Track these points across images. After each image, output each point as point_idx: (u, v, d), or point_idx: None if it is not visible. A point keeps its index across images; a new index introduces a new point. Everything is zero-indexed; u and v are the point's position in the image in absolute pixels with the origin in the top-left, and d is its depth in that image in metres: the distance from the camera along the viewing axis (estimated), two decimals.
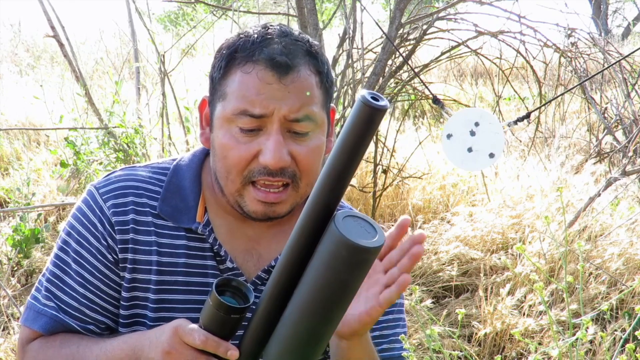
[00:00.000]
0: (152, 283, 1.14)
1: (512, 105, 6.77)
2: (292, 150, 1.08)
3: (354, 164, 0.79)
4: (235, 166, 1.09)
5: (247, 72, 1.07)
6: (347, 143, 0.78)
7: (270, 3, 6.73)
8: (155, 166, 1.22)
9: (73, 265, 1.15)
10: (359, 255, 0.80)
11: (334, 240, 0.81)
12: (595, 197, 3.34)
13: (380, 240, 0.81)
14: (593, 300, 3.01)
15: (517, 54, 3.90)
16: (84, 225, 1.16)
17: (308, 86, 1.08)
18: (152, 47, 3.65)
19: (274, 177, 1.07)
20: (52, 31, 3.63)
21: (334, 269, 0.82)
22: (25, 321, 1.17)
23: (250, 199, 1.10)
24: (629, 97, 4.12)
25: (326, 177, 0.81)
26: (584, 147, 5.19)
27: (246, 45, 1.08)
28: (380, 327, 1.22)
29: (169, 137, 3.84)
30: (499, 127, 1.88)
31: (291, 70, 1.06)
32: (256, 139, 1.08)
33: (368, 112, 0.75)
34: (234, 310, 0.93)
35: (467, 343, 2.88)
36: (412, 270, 1.31)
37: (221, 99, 1.10)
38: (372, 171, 4.01)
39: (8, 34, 8.66)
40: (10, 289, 3.16)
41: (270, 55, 1.06)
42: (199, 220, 1.15)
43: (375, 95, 0.76)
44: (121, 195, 1.16)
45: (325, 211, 0.83)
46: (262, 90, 1.06)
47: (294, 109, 1.06)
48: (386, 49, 3.49)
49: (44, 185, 4.28)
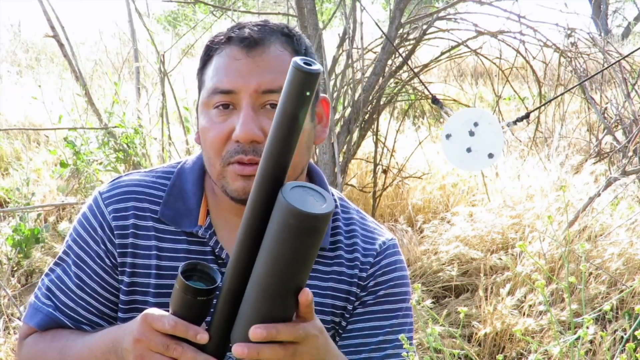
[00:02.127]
0: (151, 287, 1.15)
1: (512, 105, 6.77)
2: (266, 127, 1.07)
3: (295, 132, 0.81)
4: (213, 147, 1.09)
5: (219, 54, 1.09)
6: (286, 110, 0.79)
7: (270, 3, 6.74)
8: (159, 170, 1.23)
9: (73, 267, 1.18)
10: (307, 222, 0.81)
11: (282, 210, 0.81)
12: (595, 197, 3.34)
13: (328, 207, 0.82)
14: (593, 300, 3.01)
15: (517, 54, 3.90)
16: (86, 229, 1.18)
17: (281, 62, 1.08)
18: (152, 47, 3.65)
19: (247, 155, 1.07)
20: (52, 31, 3.63)
21: (284, 239, 0.82)
22: (25, 318, 1.21)
23: (231, 176, 1.09)
24: (628, 97, 4.12)
25: (270, 148, 0.82)
26: (584, 147, 5.19)
27: (221, 34, 1.11)
28: (384, 333, 1.19)
29: (169, 137, 3.84)
30: (498, 127, 1.88)
31: (258, 44, 1.07)
32: (230, 118, 1.08)
33: (302, 76, 0.77)
34: (200, 292, 0.93)
35: (467, 343, 2.88)
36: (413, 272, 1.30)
37: (202, 87, 1.13)
38: (372, 171, 4.01)
39: (7, 34, 8.66)
40: (10, 289, 3.16)
41: (240, 34, 1.08)
42: (200, 224, 1.16)
43: (308, 61, 0.78)
44: (123, 201, 1.17)
45: (273, 182, 0.84)
46: (231, 66, 1.07)
47: (265, 81, 1.06)
48: (386, 49, 3.49)
49: (43, 185, 4.28)
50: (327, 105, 1.20)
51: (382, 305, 1.21)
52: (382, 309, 1.21)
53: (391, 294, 1.22)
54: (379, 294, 1.21)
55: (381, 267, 1.21)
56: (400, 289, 1.23)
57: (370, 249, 1.22)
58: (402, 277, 1.24)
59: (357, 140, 3.79)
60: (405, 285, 1.24)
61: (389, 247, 1.24)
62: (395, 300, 1.22)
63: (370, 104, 3.68)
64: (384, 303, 1.21)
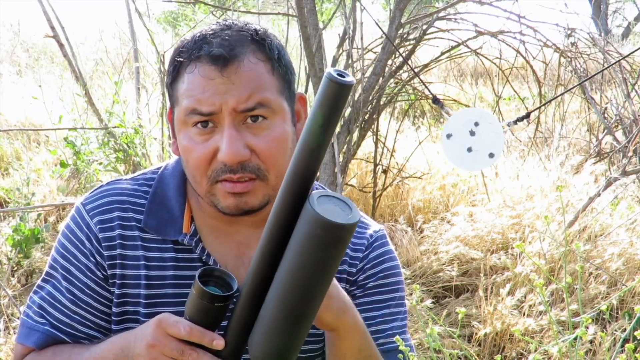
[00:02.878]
0: (141, 297, 1.14)
1: (512, 105, 6.77)
2: (251, 143, 1.05)
3: (325, 143, 0.80)
4: (197, 168, 1.07)
5: (190, 72, 1.06)
6: (317, 121, 0.79)
7: (270, 3, 6.73)
8: (140, 177, 1.21)
9: (63, 282, 1.15)
10: (334, 233, 0.80)
11: (309, 220, 0.81)
12: (595, 197, 3.34)
13: (354, 218, 0.82)
14: (593, 300, 3.01)
15: (517, 54, 3.90)
16: (73, 242, 1.16)
17: (255, 75, 1.05)
18: (152, 47, 3.65)
19: (235, 174, 1.05)
20: (52, 31, 3.63)
21: (310, 248, 0.82)
22: (18, 338, 1.18)
23: (221, 194, 1.08)
24: (628, 97, 4.11)
25: (299, 157, 0.81)
26: (584, 147, 5.19)
27: (188, 46, 1.07)
28: (376, 323, 1.20)
29: (169, 137, 3.84)
30: (498, 127, 1.88)
31: (231, 61, 1.04)
32: (212, 137, 1.06)
33: (336, 88, 0.77)
34: (217, 298, 0.93)
35: (467, 343, 2.88)
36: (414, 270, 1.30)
37: (176, 104, 1.10)
38: (372, 171, 4.01)
39: (7, 34, 8.66)
40: (10, 289, 3.16)
41: (209, 51, 1.05)
42: (185, 231, 1.14)
43: (341, 72, 0.77)
44: (107, 211, 1.15)
45: (300, 191, 0.83)
46: (206, 86, 1.04)
47: (242, 98, 1.04)
48: (386, 49, 3.49)
49: (43, 185, 4.28)
50: (304, 103, 1.18)
51: (372, 297, 1.21)
52: (372, 300, 1.21)
53: (381, 284, 1.22)
54: (368, 286, 1.21)
55: (370, 260, 1.22)
56: (391, 279, 1.23)
57: (358, 243, 1.22)
58: (392, 268, 1.24)
59: (357, 140, 3.79)
60: (396, 275, 1.24)
61: (377, 238, 1.24)
62: (386, 290, 1.22)
63: (370, 104, 3.69)
64: (373, 294, 1.21)
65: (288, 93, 1.11)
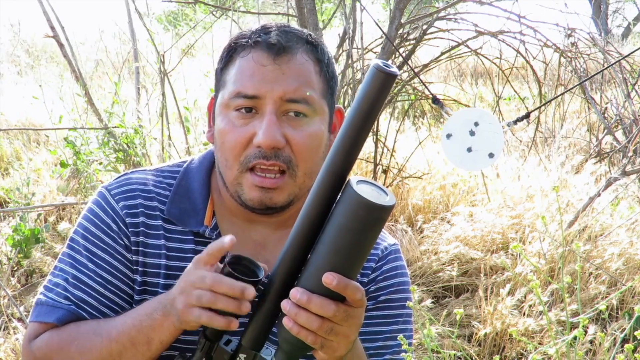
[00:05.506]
0: (160, 287, 1.14)
1: (512, 105, 6.76)
2: (288, 134, 1.08)
3: (366, 129, 0.83)
4: (232, 150, 1.09)
5: (244, 56, 1.09)
6: (362, 108, 0.82)
7: (270, 3, 6.73)
8: (165, 169, 1.22)
9: (90, 265, 1.14)
10: (376, 213, 0.84)
11: (351, 202, 0.84)
12: (595, 197, 3.34)
13: (391, 200, 0.86)
14: (593, 301, 3.01)
15: (517, 54, 3.90)
16: (98, 226, 1.15)
17: (305, 70, 1.09)
18: (152, 47, 3.65)
19: (268, 160, 1.07)
20: (52, 31, 3.63)
21: (351, 229, 0.85)
22: (37, 317, 1.14)
23: (247, 185, 1.09)
24: (629, 97, 4.11)
25: (341, 142, 0.85)
26: (584, 147, 5.19)
27: (246, 35, 1.11)
28: (383, 338, 1.19)
29: (169, 137, 3.84)
30: (498, 127, 1.88)
31: (285, 51, 1.08)
32: (252, 122, 1.08)
33: (382, 77, 0.81)
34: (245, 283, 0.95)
35: (467, 343, 2.87)
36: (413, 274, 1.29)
37: (222, 87, 1.13)
38: (372, 171, 4.01)
39: (7, 34, 8.66)
40: (10, 289, 3.16)
41: (266, 39, 1.08)
42: (206, 224, 1.15)
43: (387, 64, 0.81)
44: (131, 198, 1.16)
45: (339, 177, 0.86)
46: (257, 71, 1.07)
47: (290, 89, 1.07)
48: (386, 49, 3.49)
49: (43, 185, 4.28)
50: (341, 117, 1.20)
51: (382, 311, 1.21)
52: (382, 314, 1.21)
53: (392, 299, 1.21)
54: (380, 299, 1.20)
55: (383, 272, 1.21)
56: (401, 295, 1.23)
57: (372, 253, 1.21)
58: (404, 283, 1.23)
59: None
60: (406, 292, 1.24)
61: (391, 252, 1.24)
62: (396, 306, 1.22)
63: None
64: (384, 309, 1.21)
65: (330, 99, 1.14)
